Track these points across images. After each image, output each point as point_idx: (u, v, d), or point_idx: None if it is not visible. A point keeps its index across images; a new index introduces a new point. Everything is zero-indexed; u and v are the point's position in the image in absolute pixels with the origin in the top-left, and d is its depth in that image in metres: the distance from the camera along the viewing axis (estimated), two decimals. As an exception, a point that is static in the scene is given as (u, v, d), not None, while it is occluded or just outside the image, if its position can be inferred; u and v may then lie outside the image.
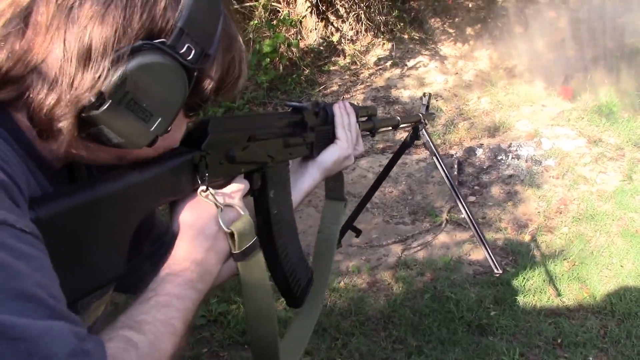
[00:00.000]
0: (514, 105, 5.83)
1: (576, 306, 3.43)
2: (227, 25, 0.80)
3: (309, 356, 2.98)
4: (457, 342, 3.10)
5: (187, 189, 0.87)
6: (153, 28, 0.70)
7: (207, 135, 0.88)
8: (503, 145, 5.17)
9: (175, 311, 0.76)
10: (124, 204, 0.75)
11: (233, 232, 0.87)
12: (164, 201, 0.84)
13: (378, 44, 6.80)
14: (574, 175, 4.78)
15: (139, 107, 0.71)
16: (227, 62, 0.81)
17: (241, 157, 0.97)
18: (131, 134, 0.72)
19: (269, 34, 6.23)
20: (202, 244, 0.85)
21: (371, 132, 1.62)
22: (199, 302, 0.83)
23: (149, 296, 0.76)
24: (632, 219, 4.22)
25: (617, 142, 5.17)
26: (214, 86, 0.80)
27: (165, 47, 0.70)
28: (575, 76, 6.24)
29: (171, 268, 0.81)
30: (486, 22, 6.97)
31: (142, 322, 0.72)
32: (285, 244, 1.13)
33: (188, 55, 0.72)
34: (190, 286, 0.81)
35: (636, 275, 3.66)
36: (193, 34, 0.73)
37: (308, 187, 1.24)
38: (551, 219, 4.34)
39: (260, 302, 0.93)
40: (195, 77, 0.76)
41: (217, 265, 0.87)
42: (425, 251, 4.05)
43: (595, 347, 3.08)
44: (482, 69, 6.47)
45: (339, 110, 1.32)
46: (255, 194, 1.08)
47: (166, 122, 0.75)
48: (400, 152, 2.78)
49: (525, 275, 3.64)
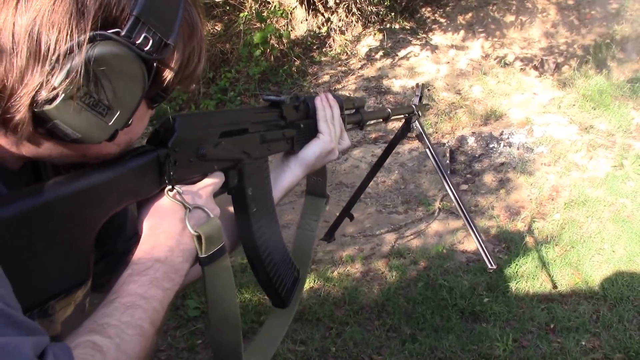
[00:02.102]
0: (505, 94, 5.83)
1: (568, 291, 3.45)
2: (189, 13, 0.77)
3: (303, 345, 2.99)
4: (450, 329, 3.11)
5: (153, 189, 0.84)
6: (107, 17, 0.67)
7: (174, 132, 0.85)
8: (495, 134, 5.18)
9: (141, 312, 0.74)
10: (80, 207, 0.72)
11: (200, 235, 0.84)
12: (128, 202, 0.81)
13: (369, 34, 6.78)
14: (565, 162, 4.80)
15: (95, 101, 0.68)
16: (187, 51, 0.78)
17: (213, 155, 0.94)
18: (88, 129, 0.69)
19: (259, 26, 6.21)
20: (166, 243, 0.82)
21: (359, 125, 1.58)
22: (168, 302, 0.80)
23: (112, 298, 0.74)
24: (623, 205, 4.24)
25: (608, 128, 5.18)
26: (175, 76, 0.77)
27: (120, 38, 0.67)
28: (565, 63, 6.25)
29: (133, 268, 0.78)
30: (477, 11, 6.96)
31: (107, 325, 0.70)
32: (266, 243, 1.10)
33: (145, 45, 0.69)
34: (156, 285, 0.78)
35: (627, 260, 3.68)
36: (150, 23, 0.69)
37: (289, 184, 1.21)
38: (543, 205, 4.35)
39: (226, 309, 0.90)
40: (154, 68, 0.73)
41: (184, 263, 0.84)
42: (419, 240, 4.06)
43: (588, 332, 3.10)
44: (473, 58, 6.47)
45: (321, 103, 1.28)
46: (233, 192, 1.05)
47: (125, 115, 0.72)
48: (392, 144, 2.77)
49: (518, 262, 3.66)
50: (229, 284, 0.90)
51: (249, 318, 3.14)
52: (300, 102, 1.23)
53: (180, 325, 3.16)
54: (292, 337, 3.04)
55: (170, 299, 0.81)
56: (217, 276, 0.88)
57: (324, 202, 1.43)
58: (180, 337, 3.07)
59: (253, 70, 5.98)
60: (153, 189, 0.84)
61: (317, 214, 1.41)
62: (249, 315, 3.16)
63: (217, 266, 0.87)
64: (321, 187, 1.43)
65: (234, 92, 5.96)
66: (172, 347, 3.02)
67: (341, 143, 1.33)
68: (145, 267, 0.78)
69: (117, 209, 0.78)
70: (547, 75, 6.13)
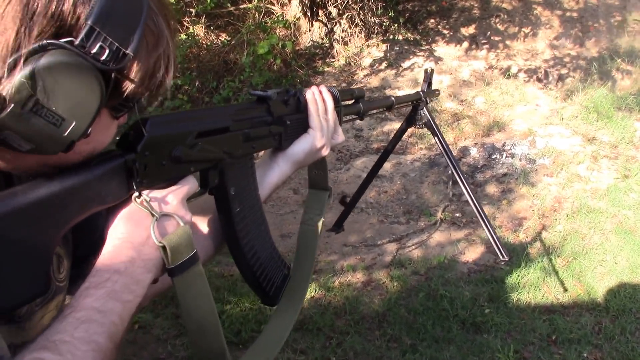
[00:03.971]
0: (508, 105, 5.84)
1: (571, 303, 3.43)
2: (152, 20, 0.73)
3: (303, 355, 2.98)
4: (451, 340, 3.09)
5: (121, 195, 0.80)
6: (62, 26, 0.64)
7: (144, 135, 0.81)
8: (497, 145, 5.18)
9: (97, 326, 0.71)
10: (38, 217, 0.69)
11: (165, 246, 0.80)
12: (93, 210, 0.77)
13: (372, 45, 6.81)
14: (568, 173, 4.79)
15: (48, 111, 0.64)
16: (152, 61, 0.74)
17: (189, 156, 0.89)
18: (42, 140, 0.65)
19: (262, 36, 6.24)
20: (126, 254, 0.78)
21: (359, 115, 1.52)
22: (130, 314, 0.77)
23: (67, 313, 0.71)
24: (626, 216, 4.23)
25: (611, 140, 5.18)
26: (137, 87, 0.73)
27: (73, 47, 0.64)
28: (569, 75, 6.25)
29: (91, 281, 0.75)
30: (481, 22, 6.98)
31: (59, 342, 0.67)
32: (252, 242, 1.07)
33: (101, 55, 0.66)
34: (114, 298, 0.75)
35: (630, 272, 3.66)
36: (107, 31, 0.66)
37: (277, 181, 1.17)
38: (546, 217, 4.34)
39: (202, 319, 0.87)
40: (113, 78, 0.69)
41: (147, 274, 0.80)
42: (420, 250, 4.05)
43: (590, 344, 3.08)
44: (476, 69, 6.48)
45: (313, 96, 1.21)
46: (214, 192, 1.01)
47: (82, 126, 0.68)
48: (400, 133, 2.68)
49: (520, 273, 3.65)
50: (203, 291, 0.86)
51: (249, 327, 3.13)
52: (290, 97, 1.17)
53: (180, 333, 3.15)
54: (292, 346, 3.03)
55: (132, 311, 0.77)
56: (189, 285, 0.84)
57: (327, 195, 1.39)
58: (180, 346, 3.06)
59: (256, 80, 6.00)
60: (121, 195, 0.80)
61: (321, 208, 1.36)
62: (249, 325, 3.15)
63: (188, 275, 0.83)
64: (322, 180, 1.38)
65: (237, 101, 5.98)
66: (172, 356, 3.01)
67: (335, 138, 1.28)
68: (103, 279, 0.75)
69: (80, 217, 0.75)
70: (550, 86, 6.13)
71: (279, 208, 4.57)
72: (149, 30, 0.72)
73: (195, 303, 0.86)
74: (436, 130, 2.47)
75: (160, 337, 3.12)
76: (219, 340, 0.90)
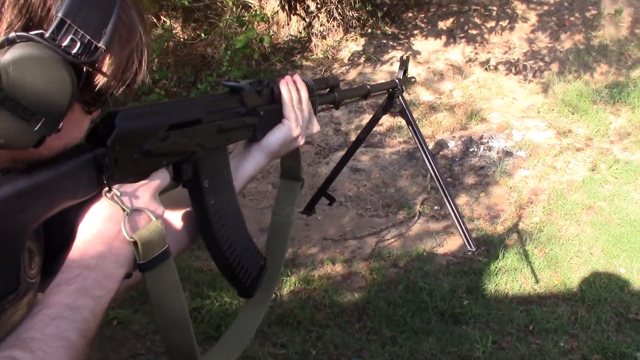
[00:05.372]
0: (485, 98, 5.88)
1: (547, 293, 3.48)
2: (127, 14, 0.72)
3: (283, 349, 2.98)
4: (430, 332, 3.12)
5: (91, 191, 0.79)
6: (32, 18, 0.63)
7: (114, 129, 0.79)
8: (475, 137, 5.22)
9: (67, 323, 0.70)
10: (6, 214, 0.67)
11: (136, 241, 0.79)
12: (63, 205, 0.76)
13: (351, 39, 6.81)
14: (544, 165, 4.85)
15: (17, 106, 0.63)
16: (124, 55, 0.73)
17: (160, 150, 0.87)
18: (11, 135, 0.64)
19: (240, 30, 6.20)
20: (96, 249, 0.77)
21: (334, 104, 1.50)
22: (102, 309, 0.76)
23: (37, 310, 0.71)
24: (601, 208, 4.29)
25: (586, 133, 5.24)
26: (109, 81, 0.73)
27: (43, 40, 0.63)
28: (545, 69, 6.31)
29: (61, 277, 0.74)
30: (458, 16, 7.01)
31: (29, 340, 0.67)
32: (227, 234, 1.06)
33: (72, 48, 0.65)
34: (85, 294, 0.73)
35: (605, 263, 3.72)
36: (78, 24, 0.65)
37: (251, 172, 1.16)
38: (523, 209, 4.39)
39: (173, 312, 0.86)
40: (85, 72, 0.68)
41: (119, 269, 0.79)
42: (399, 243, 4.07)
43: (566, 333, 3.13)
44: (454, 63, 6.51)
45: (286, 86, 1.20)
46: (188, 186, 1.00)
47: (52, 121, 0.66)
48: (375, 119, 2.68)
49: (497, 265, 3.68)
50: (174, 287, 0.85)
51: (229, 322, 3.11)
52: (263, 87, 1.16)
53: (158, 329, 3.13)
54: (272, 340, 3.03)
55: (104, 306, 0.77)
56: (160, 281, 0.83)
57: (299, 186, 1.38)
58: (159, 341, 3.04)
59: (234, 74, 5.97)
60: (91, 190, 0.79)
61: (293, 198, 1.35)
62: (229, 319, 3.14)
63: (159, 271, 0.82)
64: (295, 170, 1.37)
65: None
66: (151, 351, 3.00)
67: (309, 128, 1.26)
68: (73, 275, 0.74)
69: (49, 214, 0.74)
70: (527, 80, 6.19)
71: (258, 202, 4.56)
72: (121, 24, 0.71)
73: (167, 299, 0.85)
74: (410, 118, 2.47)
75: (139, 333, 3.10)
76: (189, 337, 0.89)
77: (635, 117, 5.40)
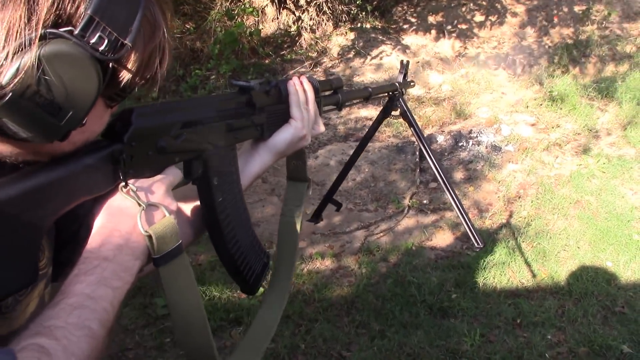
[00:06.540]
0: (474, 93, 5.90)
1: (535, 287, 3.50)
2: (150, 11, 0.74)
3: (272, 342, 2.98)
4: (419, 325, 3.13)
5: (107, 185, 0.82)
6: (61, 15, 0.64)
7: (130, 125, 0.82)
8: (464, 132, 5.23)
9: (89, 312, 0.72)
10: (26, 208, 0.69)
11: (151, 235, 0.81)
12: (80, 200, 0.78)
13: (340, 34, 6.80)
14: (532, 160, 4.87)
15: (46, 100, 0.64)
16: (148, 52, 0.75)
17: (174, 147, 0.90)
18: (39, 129, 0.66)
19: (229, 24, 6.18)
20: (114, 242, 0.79)
21: (338, 106, 1.54)
22: (119, 300, 0.78)
23: (59, 299, 0.72)
24: (588, 202, 4.32)
25: (574, 127, 5.28)
26: (135, 76, 0.75)
27: (73, 37, 0.65)
28: (534, 63, 6.34)
29: (80, 268, 0.76)
30: (448, 11, 7.02)
31: (53, 327, 0.67)
32: (233, 231, 1.08)
33: (100, 45, 0.67)
34: (104, 284, 0.75)
35: (592, 256, 3.75)
36: (106, 21, 0.67)
37: (258, 171, 1.18)
38: (511, 203, 4.41)
39: (189, 310, 0.87)
40: (110, 68, 0.71)
41: (135, 261, 0.81)
42: (388, 237, 4.08)
43: (554, 326, 3.15)
44: (443, 57, 6.52)
45: (294, 87, 1.23)
46: (197, 182, 1.02)
47: (78, 116, 0.68)
48: (377, 123, 2.70)
49: (486, 258, 3.70)
50: (189, 284, 0.87)
51: (218, 316, 3.13)
52: (272, 87, 1.19)
53: (148, 323, 3.13)
54: (261, 334, 3.03)
55: (121, 297, 0.78)
56: (175, 277, 0.85)
57: (306, 187, 1.40)
58: (149, 336, 3.04)
59: (223, 68, 5.95)
60: (107, 185, 0.81)
61: (300, 199, 1.37)
62: (218, 314, 3.14)
63: (173, 266, 0.84)
64: (301, 171, 1.39)
65: (204, 90, 5.92)
66: (141, 346, 2.99)
67: (315, 128, 1.30)
68: (92, 266, 0.76)
69: (67, 208, 0.76)
70: (516, 74, 6.21)
71: (248, 197, 4.54)
72: (146, 21, 0.74)
73: (181, 296, 0.86)
74: (412, 121, 2.50)
75: (128, 328, 3.09)
76: (206, 336, 0.90)
77: (623, 112, 5.44)
